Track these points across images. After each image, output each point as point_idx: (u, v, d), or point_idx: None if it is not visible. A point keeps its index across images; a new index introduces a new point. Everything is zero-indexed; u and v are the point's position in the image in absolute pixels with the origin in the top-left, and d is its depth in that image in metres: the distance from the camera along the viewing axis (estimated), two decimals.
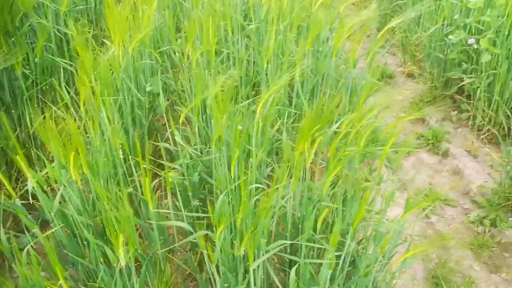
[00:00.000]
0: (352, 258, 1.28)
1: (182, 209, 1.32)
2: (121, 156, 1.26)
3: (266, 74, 1.84)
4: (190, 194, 1.37)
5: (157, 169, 1.39)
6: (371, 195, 1.43)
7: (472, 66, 2.36)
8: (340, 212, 1.14)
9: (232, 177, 1.16)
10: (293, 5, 2.12)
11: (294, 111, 1.81)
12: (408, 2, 2.87)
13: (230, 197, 1.18)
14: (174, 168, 1.38)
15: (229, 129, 1.29)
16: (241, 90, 1.85)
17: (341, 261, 1.19)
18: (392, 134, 1.23)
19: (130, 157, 1.25)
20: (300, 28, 2.13)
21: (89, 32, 2.42)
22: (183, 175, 1.39)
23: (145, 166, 1.17)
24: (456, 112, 2.57)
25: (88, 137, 1.35)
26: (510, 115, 2.21)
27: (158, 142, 1.77)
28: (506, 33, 2.16)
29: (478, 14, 2.28)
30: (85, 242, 1.22)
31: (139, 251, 1.23)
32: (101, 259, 1.09)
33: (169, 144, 1.58)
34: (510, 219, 2.00)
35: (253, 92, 2.02)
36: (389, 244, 1.29)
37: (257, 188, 1.24)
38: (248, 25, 2.20)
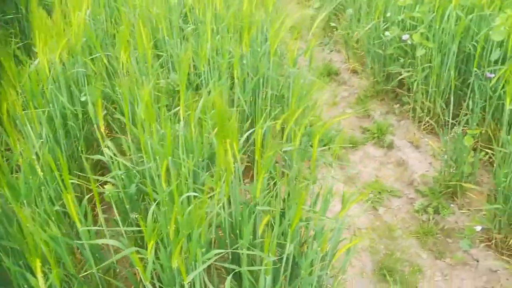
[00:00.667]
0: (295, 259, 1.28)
1: (120, 224, 1.26)
2: (41, 173, 1.19)
3: (204, 77, 1.81)
4: (127, 207, 1.31)
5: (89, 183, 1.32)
6: (312, 193, 1.44)
7: (409, 60, 2.45)
8: (278, 215, 1.13)
9: (164, 187, 1.12)
10: (230, 5, 2.10)
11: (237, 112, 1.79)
12: (349, 0, 2.93)
13: (165, 208, 1.13)
14: (112, 181, 1.32)
15: (162, 136, 1.25)
16: (183, 94, 1.80)
17: (283, 263, 1.18)
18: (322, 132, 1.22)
19: (55, 173, 1.18)
20: (239, 29, 2.12)
21: (17, 43, 2.28)
22: (121, 187, 1.33)
23: (73, 181, 1.10)
24: (398, 105, 2.65)
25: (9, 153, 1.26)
26: (445, 106, 2.30)
27: (98, 153, 1.69)
28: (437, 27, 2.25)
29: (409, 11, 2.36)
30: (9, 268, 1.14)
31: (72, 272, 1.16)
32: (25, 286, 1.02)
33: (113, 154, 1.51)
34: (451, 205, 2.08)
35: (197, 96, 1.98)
36: (332, 241, 1.30)
37: (195, 197, 1.20)
38: (187, 27, 2.16)
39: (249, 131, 1.50)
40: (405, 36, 2.42)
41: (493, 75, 2.02)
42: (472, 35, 2.20)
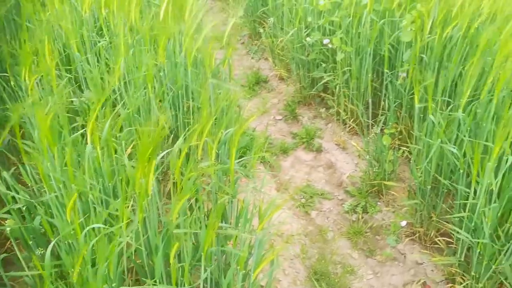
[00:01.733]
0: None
1: (22, 262, 1.14)
2: None
3: (120, 93, 1.72)
4: (31, 243, 1.19)
5: None
6: (234, 208, 1.40)
7: (331, 65, 2.51)
8: (189, 240, 1.08)
9: (68, 218, 1.03)
10: (146, 17, 2.02)
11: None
12: (270, 8, 2.96)
13: (71, 241, 1.04)
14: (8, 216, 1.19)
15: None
16: (93, 112, 1.70)
17: None
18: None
19: None
20: (155, 41, 2.04)
21: None
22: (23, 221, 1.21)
23: None
24: (324, 109, 2.71)
25: None
26: (365, 108, 2.38)
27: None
28: (354, 31, 2.33)
29: (328, 16, 2.42)
30: None
31: None
32: None
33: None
34: (378, 203, 2.15)
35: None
36: (255, 256, 1.27)
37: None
38: (100, 41, 2.04)
39: (168, 150, 1.44)
40: (326, 40, 2.48)
41: (405, 75, 2.13)
42: (386, 38, 2.30)
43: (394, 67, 2.24)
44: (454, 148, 1.51)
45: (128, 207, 1.12)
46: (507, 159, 1.34)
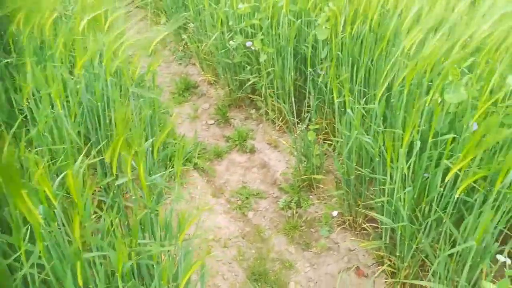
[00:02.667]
0: None
1: None
2: None
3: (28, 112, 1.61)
4: None
5: None
6: (156, 224, 1.37)
7: (255, 67, 2.55)
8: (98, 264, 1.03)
9: None
10: (59, 31, 1.92)
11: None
12: (192, 13, 2.94)
13: None
14: None
15: None
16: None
17: None
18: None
19: None
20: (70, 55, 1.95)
21: None
22: None
23: None
24: (254, 110, 2.74)
25: None
26: (291, 106, 2.45)
27: None
28: (273, 32, 2.39)
29: (248, 19, 2.46)
30: None
31: None
32: None
33: None
34: (310, 196, 2.22)
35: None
36: (181, 266, 1.25)
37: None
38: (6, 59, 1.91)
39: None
40: (248, 43, 2.51)
41: (324, 72, 2.22)
42: (304, 37, 2.39)
43: (315, 65, 2.32)
44: (369, 138, 1.60)
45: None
46: (416, 144, 1.44)
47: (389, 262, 1.76)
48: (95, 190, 1.63)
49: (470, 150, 1.21)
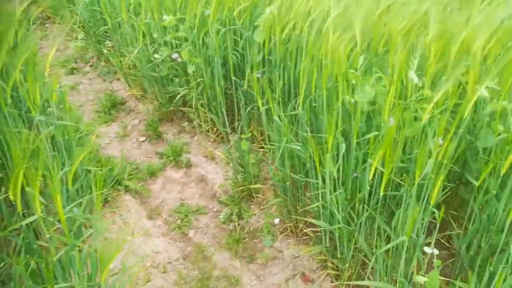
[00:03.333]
0: None
1: None
2: None
3: None
4: None
5: None
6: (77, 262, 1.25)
7: (184, 78, 2.47)
8: None
9: None
10: None
11: None
12: (110, 27, 2.80)
13: None
14: None
15: None
16: None
17: None
18: None
19: None
20: None
21: None
22: None
23: None
24: (187, 122, 2.66)
25: None
26: (221, 118, 2.39)
27: None
28: (200, 42, 2.32)
29: (173, 31, 2.38)
30: None
31: None
32: None
33: None
34: (251, 206, 2.18)
35: None
36: None
37: None
38: None
39: None
40: (174, 55, 2.43)
41: (259, 75, 2.18)
42: (232, 46, 2.34)
43: (245, 73, 2.29)
44: (298, 145, 1.59)
45: None
46: (341, 146, 1.44)
47: (332, 265, 1.76)
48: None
49: (388, 145, 1.22)
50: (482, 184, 1.36)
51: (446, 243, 1.75)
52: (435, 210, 1.24)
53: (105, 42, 3.01)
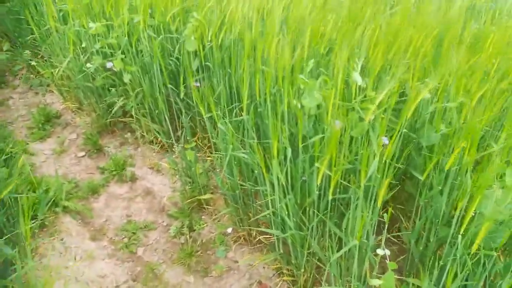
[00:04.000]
0: None
1: None
2: None
3: None
4: None
5: None
6: None
7: (121, 87, 2.34)
8: None
9: None
10: None
11: None
12: (38, 37, 2.59)
13: None
14: None
15: None
16: None
17: None
18: None
19: None
20: None
21: None
22: None
23: None
24: (129, 133, 2.52)
25: None
26: (164, 127, 2.29)
27: None
28: (134, 50, 2.20)
29: (104, 39, 2.23)
30: None
31: None
32: None
33: None
34: (203, 217, 2.10)
35: None
36: None
37: None
38: None
39: None
40: (109, 64, 2.28)
41: (198, 84, 2.10)
42: (169, 52, 2.25)
43: (185, 80, 2.20)
44: (245, 152, 1.53)
45: None
46: (288, 151, 1.40)
47: (287, 272, 1.72)
48: None
49: (333, 148, 1.20)
50: (426, 179, 1.38)
51: (395, 240, 1.77)
52: (384, 214, 1.24)
53: (34, 53, 2.78)
